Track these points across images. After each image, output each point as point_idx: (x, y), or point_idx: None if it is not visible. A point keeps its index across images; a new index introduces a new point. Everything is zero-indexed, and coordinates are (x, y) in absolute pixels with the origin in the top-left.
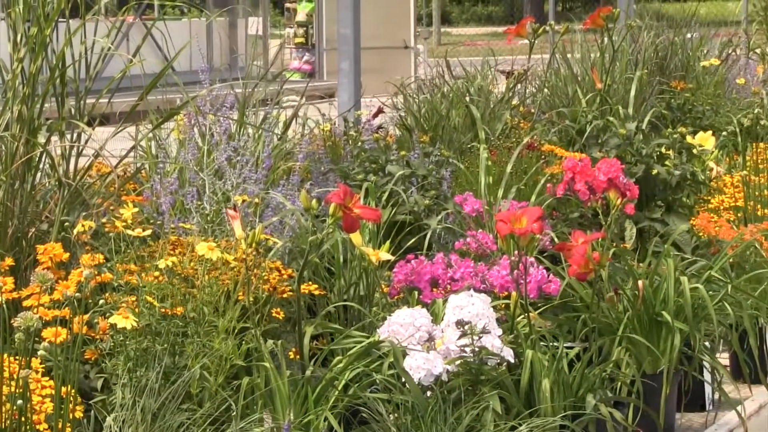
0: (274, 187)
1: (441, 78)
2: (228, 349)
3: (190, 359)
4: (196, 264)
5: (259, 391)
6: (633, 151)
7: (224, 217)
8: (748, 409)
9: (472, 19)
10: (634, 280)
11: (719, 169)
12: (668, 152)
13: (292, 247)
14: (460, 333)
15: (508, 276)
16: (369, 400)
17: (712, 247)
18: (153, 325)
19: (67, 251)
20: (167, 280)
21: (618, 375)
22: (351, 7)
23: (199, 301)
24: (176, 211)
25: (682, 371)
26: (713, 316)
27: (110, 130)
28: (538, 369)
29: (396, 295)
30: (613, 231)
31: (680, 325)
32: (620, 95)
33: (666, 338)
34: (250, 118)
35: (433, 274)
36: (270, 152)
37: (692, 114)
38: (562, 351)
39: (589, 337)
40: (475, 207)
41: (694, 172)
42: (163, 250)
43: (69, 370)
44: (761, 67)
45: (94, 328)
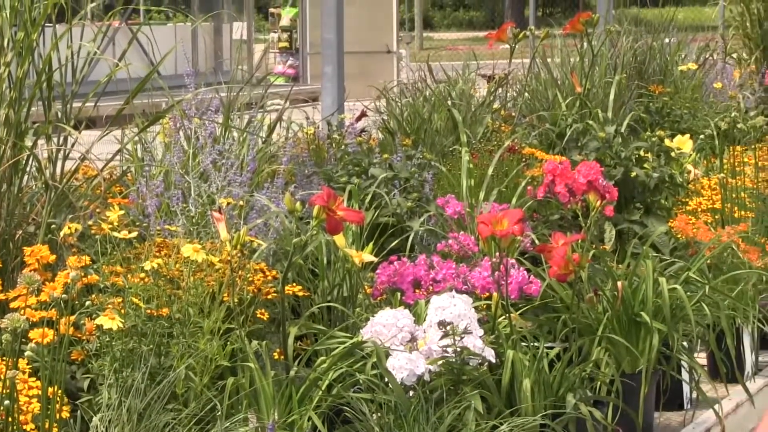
0: (259, 189)
1: (423, 82)
2: (213, 350)
3: (175, 360)
4: (182, 266)
5: (243, 391)
6: (612, 154)
7: (209, 220)
8: (725, 407)
9: (454, 24)
10: (613, 281)
11: (697, 172)
12: (647, 155)
13: (277, 248)
14: (442, 333)
15: (490, 277)
16: (352, 399)
17: (690, 248)
18: (139, 326)
19: (54, 253)
20: (153, 282)
21: (597, 375)
22: (334, 12)
23: (185, 303)
24: (162, 214)
25: (660, 371)
26: (691, 316)
27: (96, 133)
28: (518, 369)
29: (379, 296)
30: (593, 233)
31: (659, 325)
32: (599, 99)
33: (645, 338)
34: (235, 122)
35: (415, 275)
36: (254, 155)
37: (670, 117)
38: (543, 351)
39: (569, 337)
40: (456, 209)
41: (672, 174)
42: (148, 252)
43: (56, 370)
44: (738, 72)
45: (81, 329)
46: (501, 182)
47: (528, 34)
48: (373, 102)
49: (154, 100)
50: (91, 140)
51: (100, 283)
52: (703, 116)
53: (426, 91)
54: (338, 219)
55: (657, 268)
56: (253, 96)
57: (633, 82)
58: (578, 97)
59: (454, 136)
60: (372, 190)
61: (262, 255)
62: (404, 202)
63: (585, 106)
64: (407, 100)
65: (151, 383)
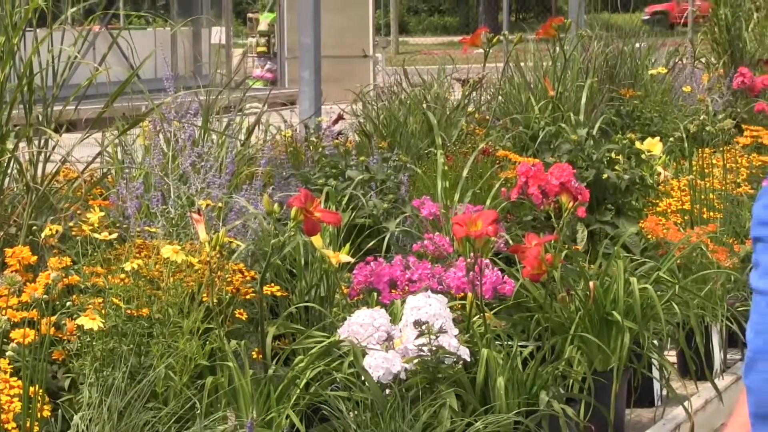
0: (237, 191)
1: (399, 86)
2: (192, 349)
3: (155, 359)
4: (162, 266)
5: (222, 390)
6: (584, 157)
7: (189, 221)
8: (694, 404)
9: (429, 29)
10: (585, 281)
11: (667, 174)
12: (618, 157)
13: (255, 249)
14: (417, 333)
15: (464, 277)
16: (330, 398)
17: (660, 248)
18: (119, 326)
19: (35, 254)
20: (133, 282)
21: (570, 373)
22: (311, 17)
23: (164, 303)
24: (142, 215)
25: (631, 368)
26: (661, 315)
27: (77, 136)
28: (493, 367)
29: (356, 296)
30: (565, 233)
31: (630, 324)
32: (572, 102)
33: (616, 337)
34: (214, 125)
35: (391, 275)
36: (233, 158)
37: (641, 120)
38: (516, 350)
39: (542, 336)
40: (432, 211)
41: (643, 176)
42: (129, 253)
43: (37, 370)
44: (706, 76)
45: (62, 329)
46: (475, 184)
47: (501, 38)
48: (349, 105)
49: (134, 103)
50: (71, 143)
51: (81, 284)
52: (672, 119)
53: (402, 95)
54: (315, 220)
55: (628, 268)
56: (232, 99)
57: (604, 86)
58: (551, 100)
59: (429, 139)
60: (349, 192)
61: (240, 256)
62: (380, 204)
63: (557, 110)
64: (383, 103)
65: (131, 382)
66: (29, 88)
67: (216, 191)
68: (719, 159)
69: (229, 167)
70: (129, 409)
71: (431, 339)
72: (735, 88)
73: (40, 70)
